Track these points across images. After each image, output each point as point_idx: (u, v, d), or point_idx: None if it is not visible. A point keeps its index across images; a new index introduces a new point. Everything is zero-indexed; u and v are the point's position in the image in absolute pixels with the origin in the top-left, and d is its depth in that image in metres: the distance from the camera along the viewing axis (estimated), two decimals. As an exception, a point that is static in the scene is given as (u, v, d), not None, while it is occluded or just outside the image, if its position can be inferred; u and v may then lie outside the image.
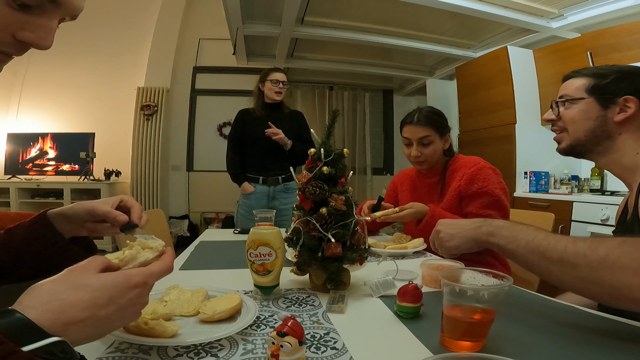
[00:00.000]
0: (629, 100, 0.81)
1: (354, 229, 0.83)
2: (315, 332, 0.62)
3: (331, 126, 0.84)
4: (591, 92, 0.87)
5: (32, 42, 0.42)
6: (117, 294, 0.42)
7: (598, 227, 2.33)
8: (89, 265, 0.44)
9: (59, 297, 0.38)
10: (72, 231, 0.71)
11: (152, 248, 0.55)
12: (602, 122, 0.84)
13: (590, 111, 0.86)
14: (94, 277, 0.42)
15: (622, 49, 2.50)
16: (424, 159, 1.44)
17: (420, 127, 1.42)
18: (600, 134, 0.84)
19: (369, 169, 5.35)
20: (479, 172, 1.35)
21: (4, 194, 4.32)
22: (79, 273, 0.42)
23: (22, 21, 0.41)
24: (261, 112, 2.28)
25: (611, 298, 0.57)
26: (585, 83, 0.88)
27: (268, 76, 2.26)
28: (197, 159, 5.07)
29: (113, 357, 0.52)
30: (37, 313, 0.36)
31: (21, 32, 0.41)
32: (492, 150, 3.25)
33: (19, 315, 0.35)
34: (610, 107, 0.84)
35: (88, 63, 4.82)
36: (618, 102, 0.83)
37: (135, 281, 0.44)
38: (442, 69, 4.42)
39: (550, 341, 0.60)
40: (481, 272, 0.62)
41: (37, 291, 0.39)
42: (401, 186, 1.66)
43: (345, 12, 3.23)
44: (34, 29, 0.42)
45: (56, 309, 0.37)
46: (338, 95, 5.30)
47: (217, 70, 5.05)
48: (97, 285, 0.41)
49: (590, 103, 0.86)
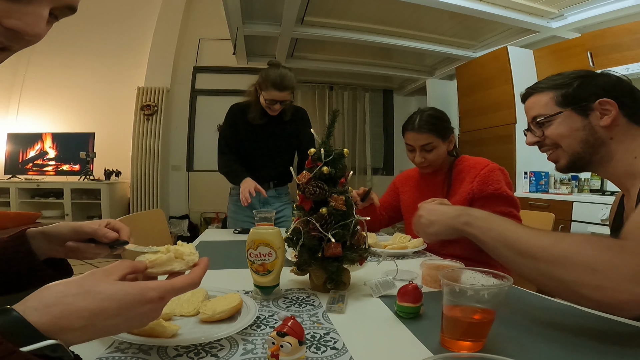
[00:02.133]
0: (604, 102, 0.80)
1: (354, 229, 0.83)
2: (315, 332, 0.62)
3: (331, 126, 0.84)
4: (564, 104, 0.84)
5: (20, 29, 0.41)
6: (127, 306, 0.40)
7: (598, 227, 2.33)
8: (111, 269, 0.43)
9: (64, 302, 0.38)
10: (50, 251, 0.69)
11: (185, 259, 0.51)
12: (591, 130, 0.82)
13: (574, 122, 0.83)
14: (109, 285, 0.41)
15: (622, 49, 2.50)
16: (427, 164, 1.43)
17: (422, 134, 1.40)
18: (593, 142, 0.82)
19: (369, 169, 5.35)
20: (491, 174, 1.33)
21: (4, 194, 4.32)
22: (98, 277, 0.41)
23: (8, 9, 0.40)
24: (258, 120, 1.90)
25: (565, 293, 0.60)
26: (552, 97, 0.86)
27: (265, 90, 1.81)
28: (197, 159, 5.07)
29: (113, 357, 0.52)
30: (37, 315, 0.36)
31: (7, 19, 0.40)
32: (492, 150, 3.25)
33: (16, 314, 0.35)
34: (590, 113, 0.82)
35: (88, 63, 4.82)
36: (595, 106, 0.81)
37: (150, 296, 0.42)
38: (442, 69, 4.42)
39: (550, 341, 0.60)
40: (481, 272, 0.62)
41: (46, 292, 0.38)
42: (403, 187, 1.65)
43: (345, 12, 3.23)
44: (20, 16, 0.40)
45: (57, 313, 0.37)
46: (338, 95, 5.30)
47: (217, 70, 5.05)
48: (109, 294, 0.40)
49: (569, 115, 0.84)
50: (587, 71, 0.86)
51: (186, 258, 0.52)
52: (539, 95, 0.89)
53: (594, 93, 0.81)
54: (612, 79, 0.83)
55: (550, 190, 3.04)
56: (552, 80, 0.88)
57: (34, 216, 3.59)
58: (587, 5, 2.80)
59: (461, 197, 1.36)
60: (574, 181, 2.98)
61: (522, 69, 3.17)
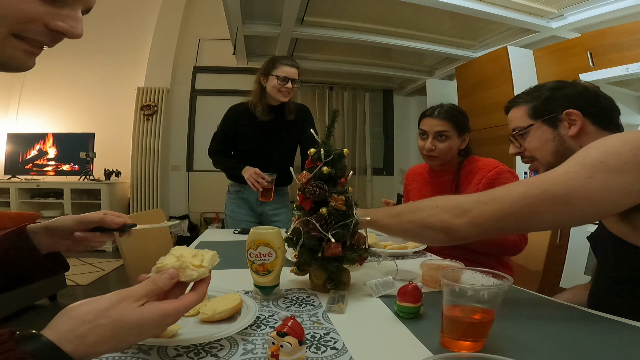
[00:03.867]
0: (570, 113, 0.84)
1: (354, 229, 0.83)
2: (315, 332, 0.62)
3: (331, 126, 0.84)
4: (534, 116, 0.90)
5: (66, 30, 0.44)
6: (148, 331, 0.45)
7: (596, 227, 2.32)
8: (138, 294, 0.45)
9: (95, 332, 0.39)
10: (52, 245, 0.70)
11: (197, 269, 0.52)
12: (560, 141, 0.86)
13: (544, 134, 0.88)
14: (135, 314, 0.43)
15: (622, 49, 2.50)
16: (437, 153, 1.41)
17: (439, 121, 1.40)
18: (564, 152, 0.85)
19: (369, 169, 5.35)
20: (499, 176, 1.32)
21: (4, 194, 4.32)
22: (125, 305, 0.43)
23: (51, 12, 0.43)
24: (265, 116, 1.83)
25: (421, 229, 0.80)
26: (525, 110, 0.92)
27: (274, 69, 1.75)
28: (197, 159, 5.07)
29: (113, 357, 0.52)
30: (72, 346, 0.38)
31: (53, 21, 0.43)
32: (492, 150, 3.23)
33: (47, 340, 0.37)
34: (559, 124, 0.86)
35: (88, 63, 4.82)
36: (562, 117, 0.85)
37: (168, 322, 0.46)
38: (442, 69, 4.42)
39: (550, 341, 0.60)
40: (481, 272, 0.62)
41: (74, 322, 0.39)
42: (411, 184, 1.63)
43: (345, 12, 3.22)
44: (63, 18, 0.44)
45: (90, 344, 0.39)
46: (338, 95, 5.30)
47: (217, 70, 5.05)
48: (136, 324, 0.43)
49: (540, 127, 0.89)
50: (558, 82, 0.91)
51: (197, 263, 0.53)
52: (517, 108, 0.95)
53: (560, 105, 0.86)
54: (577, 89, 0.87)
55: (550, 190, 3.03)
56: (528, 93, 0.94)
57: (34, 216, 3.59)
58: (587, 5, 2.80)
59: None
60: (573, 181, 2.98)
61: (522, 69, 3.17)
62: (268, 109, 1.85)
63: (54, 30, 0.44)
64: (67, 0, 0.44)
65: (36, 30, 0.43)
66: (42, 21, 0.43)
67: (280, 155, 1.95)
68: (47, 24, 0.43)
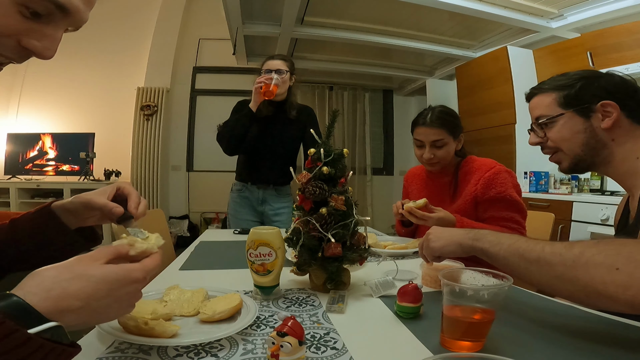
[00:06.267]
0: (606, 105, 0.80)
1: (354, 229, 0.83)
2: (315, 332, 0.62)
3: (331, 126, 0.84)
4: (566, 105, 0.84)
5: (37, 50, 0.42)
6: (117, 287, 0.44)
7: (598, 227, 2.33)
8: (97, 255, 0.46)
9: (61, 286, 0.40)
10: (78, 223, 0.72)
11: (145, 242, 0.54)
12: (592, 133, 0.82)
13: (575, 124, 0.84)
14: (98, 268, 0.44)
15: (622, 49, 2.50)
16: (437, 160, 1.40)
17: (433, 129, 1.37)
18: (595, 144, 0.82)
19: (369, 169, 5.35)
20: (496, 176, 1.31)
21: (4, 194, 4.31)
22: (86, 263, 0.44)
23: (30, 29, 0.41)
24: (264, 110, 1.87)
25: (587, 296, 0.56)
26: (554, 98, 0.86)
27: (262, 66, 1.88)
28: (197, 159, 5.07)
29: (113, 357, 0.52)
30: (37, 299, 0.38)
31: (27, 39, 0.41)
32: (492, 151, 3.25)
33: (17, 299, 0.37)
34: (592, 115, 0.82)
35: (88, 63, 4.82)
36: (597, 108, 0.81)
37: (135, 276, 0.46)
38: (442, 69, 4.42)
39: (550, 341, 0.60)
40: (481, 272, 0.62)
41: (40, 277, 0.40)
42: (410, 185, 1.63)
43: (345, 12, 3.23)
44: (40, 37, 0.42)
45: (56, 297, 0.39)
46: (338, 95, 5.30)
47: (217, 70, 5.05)
48: (100, 277, 0.43)
49: (571, 117, 0.84)
50: (591, 71, 0.86)
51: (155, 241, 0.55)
52: (542, 95, 0.89)
53: (596, 95, 0.81)
54: (615, 80, 0.82)
55: (550, 190, 3.04)
56: (556, 80, 0.88)
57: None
58: (587, 5, 2.80)
59: (465, 199, 1.35)
60: (573, 181, 2.98)
61: (521, 69, 3.17)
62: (268, 102, 1.88)
63: (25, 48, 0.42)
64: (54, 18, 0.42)
65: (7, 45, 0.41)
66: (16, 38, 0.41)
67: (283, 152, 1.96)
68: (20, 40, 0.41)
